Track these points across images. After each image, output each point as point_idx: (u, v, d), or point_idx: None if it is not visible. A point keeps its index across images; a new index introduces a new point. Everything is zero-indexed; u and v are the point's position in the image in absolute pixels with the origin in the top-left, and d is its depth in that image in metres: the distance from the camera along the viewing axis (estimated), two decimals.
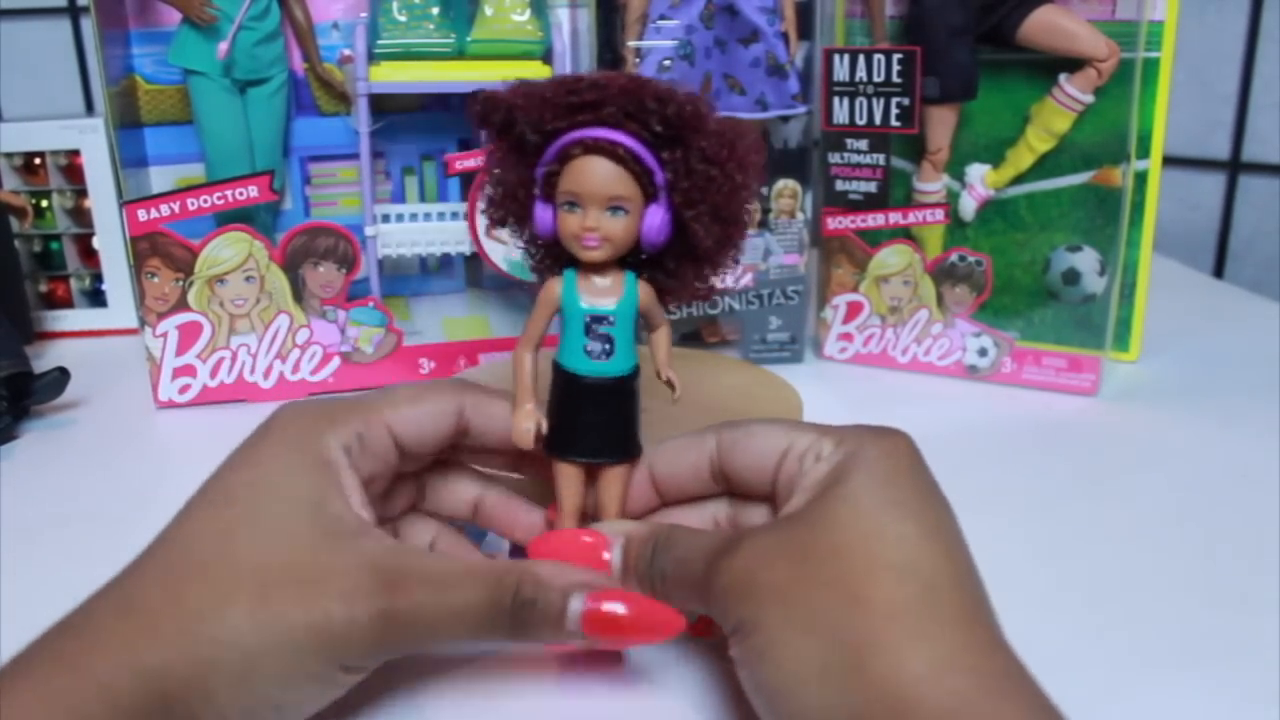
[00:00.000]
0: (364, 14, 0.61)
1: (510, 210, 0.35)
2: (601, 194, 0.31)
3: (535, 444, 0.34)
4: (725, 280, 0.35)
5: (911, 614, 0.26)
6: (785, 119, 0.65)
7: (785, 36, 0.63)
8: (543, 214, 0.33)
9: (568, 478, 0.35)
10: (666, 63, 0.63)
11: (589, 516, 0.36)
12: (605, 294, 0.33)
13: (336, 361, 0.62)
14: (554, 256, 0.35)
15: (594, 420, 0.34)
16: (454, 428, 0.36)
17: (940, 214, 0.63)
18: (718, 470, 0.35)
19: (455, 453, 0.37)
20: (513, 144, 0.33)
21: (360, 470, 0.33)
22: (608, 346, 0.33)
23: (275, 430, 0.33)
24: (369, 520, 0.32)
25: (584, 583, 0.30)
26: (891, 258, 0.65)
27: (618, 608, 0.30)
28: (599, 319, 0.33)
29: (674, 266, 0.34)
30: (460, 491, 0.38)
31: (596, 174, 0.31)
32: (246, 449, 0.33)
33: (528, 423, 0.34)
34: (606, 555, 0.33)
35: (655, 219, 0.32)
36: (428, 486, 0.38)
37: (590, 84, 0.31)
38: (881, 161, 0.64)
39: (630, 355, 0.34)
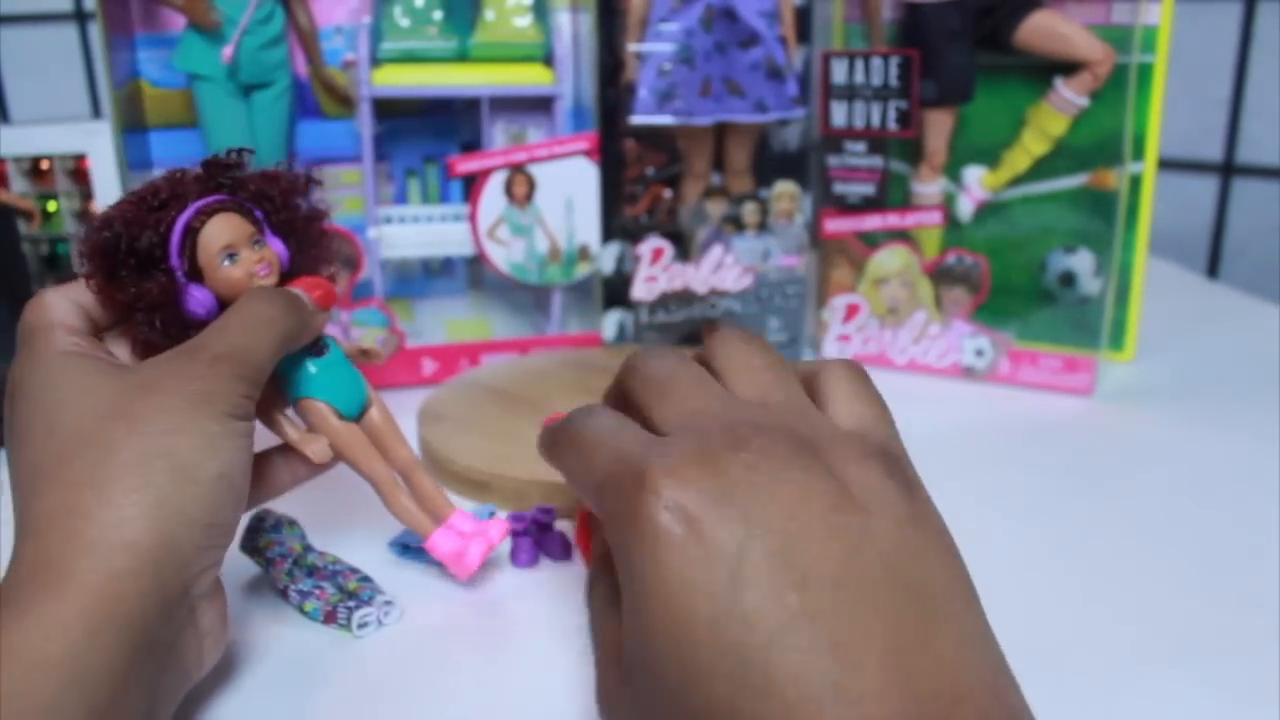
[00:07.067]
0: (367, 18, 0.62)
1: (165, 317, 0.36)
2: (244, 235, 0.37)
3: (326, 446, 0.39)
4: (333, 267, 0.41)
5: None
6: (784, 122, 0.66)
7: (784, 40, 0.64)
8: (199, 294, 0.36)
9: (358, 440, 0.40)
10: (666, 66, 0.63)
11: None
12: None
13: None
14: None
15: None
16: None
17: (938, 216, 0.64)
18: None
19: None
20: (137, 264, 0.36)
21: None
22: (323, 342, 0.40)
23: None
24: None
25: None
26: (889, 259, 0.65)
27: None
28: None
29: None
30: None
31: (231, 224, 0.37)
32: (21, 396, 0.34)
33: (317, 444, 0.39)
34: None
35: (277, 244, 0.39)
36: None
37: (165, 182, 0.37)
38: (879, 164, 0.64)
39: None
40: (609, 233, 0.67)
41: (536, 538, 0.44)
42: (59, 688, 0.26)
